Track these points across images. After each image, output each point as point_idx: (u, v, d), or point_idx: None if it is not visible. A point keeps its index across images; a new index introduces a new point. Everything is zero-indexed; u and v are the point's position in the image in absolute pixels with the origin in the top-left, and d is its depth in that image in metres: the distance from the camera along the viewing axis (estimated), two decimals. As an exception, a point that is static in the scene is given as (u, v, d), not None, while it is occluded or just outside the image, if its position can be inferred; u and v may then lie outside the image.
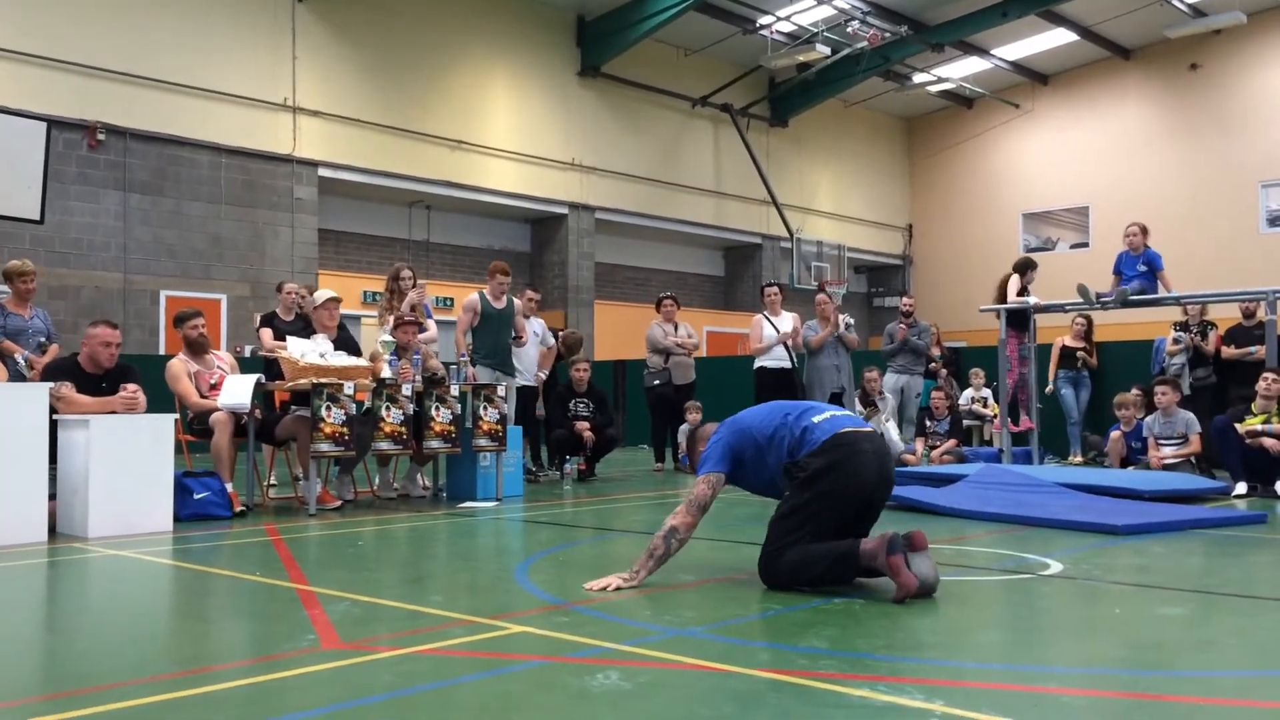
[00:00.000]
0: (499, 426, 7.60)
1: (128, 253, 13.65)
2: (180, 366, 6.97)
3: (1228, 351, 10.14)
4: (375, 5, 16.15)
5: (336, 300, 7.68)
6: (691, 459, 4.70)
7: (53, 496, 5.67)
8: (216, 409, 6.72)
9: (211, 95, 14.38)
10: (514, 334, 8.94)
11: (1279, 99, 20.30)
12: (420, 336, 8.09)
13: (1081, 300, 9.54)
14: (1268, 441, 7.46)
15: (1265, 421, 7.57)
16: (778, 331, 10.02)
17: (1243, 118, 20.71)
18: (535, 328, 9.70)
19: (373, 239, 17.13)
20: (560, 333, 10.08)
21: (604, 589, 4.09)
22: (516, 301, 9.14)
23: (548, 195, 18.49)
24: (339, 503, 7.06)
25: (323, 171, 15.51)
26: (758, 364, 10.16)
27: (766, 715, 2.45)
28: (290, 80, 15.16)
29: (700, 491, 4.26)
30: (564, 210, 18.75)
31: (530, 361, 9.39)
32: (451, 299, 17.15)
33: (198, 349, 7.08)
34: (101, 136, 13.44)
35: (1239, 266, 17.89)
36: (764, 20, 18.90)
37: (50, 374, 6.18)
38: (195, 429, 6.97)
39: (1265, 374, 7.76)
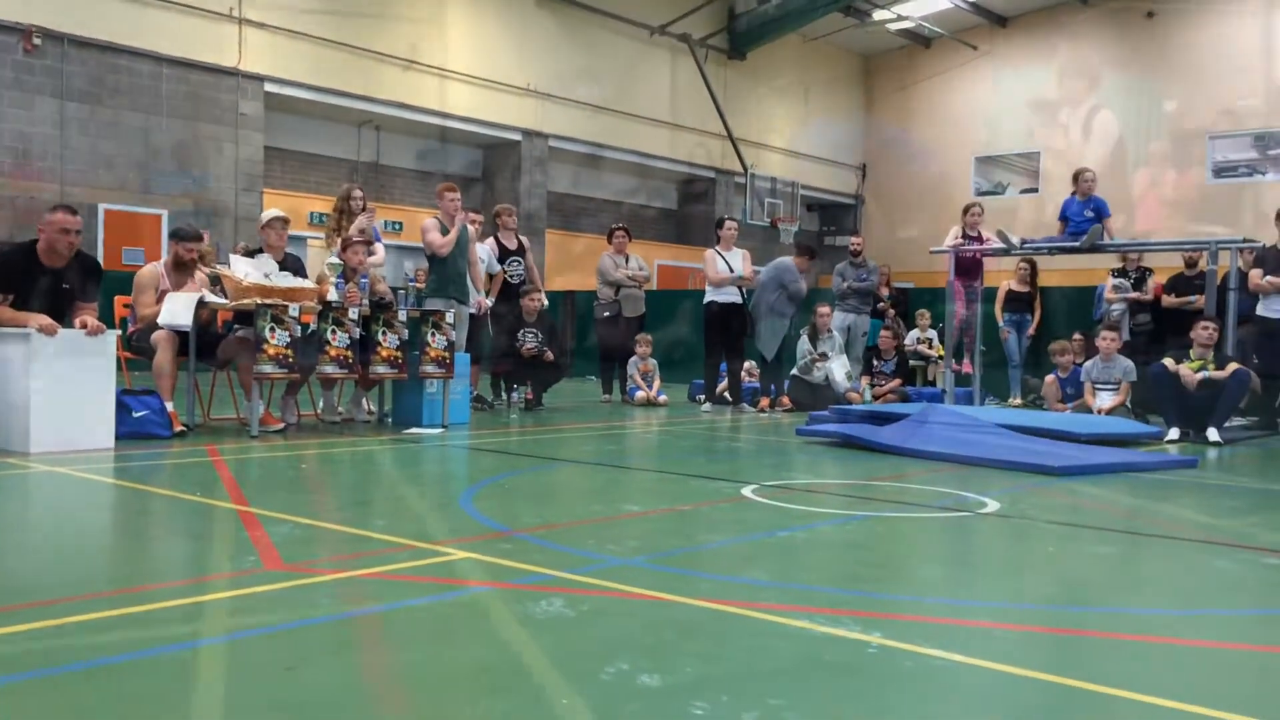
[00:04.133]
0: (446, 353, 7.54)
1: (64, 163, 13.21)
2: (150, 278, 6.78)
3: (1168, 300, 10.33)
4: (327, -85, 15.60)
5: (285, 220, 7.51)
6: None
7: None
8: (159, 327, 6.58)
9: (153, 2, 13.85)
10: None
11: (1230, 51, 20.45)
12: (369, 260, 7.97)
13: (1003, 244, 9.70)
14: (1184, 373, 7.65)
15: (1200, 369, 7.76)
16: (730, 269, 10.01)
17: (1195, 68, 20.86)
18: (481, 254, 9.61)
19: (321, 159, 16.74)
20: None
21: None
22: (470, 227, 9.03)
23: (501, 120, 18.17)
24: (282, 425, 6.99)
25: (269, 87, 15.07)
26: (708, 298, 10.17)
27: (707, 643, 2.49)
28: (237, -11, 14.65)
29: None
30: (517, 137, 18.46)
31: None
32: (401, 223, 16.89)
33: (184, 269, 6.89)
34: (38, 40, 12.91)
35: (1185, 216, 18.17)
36: (726, -51, 18.60)
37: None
38: (135, 346, 6.81)
39: (1203, 322, 7.93)
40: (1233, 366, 7.74)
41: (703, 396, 10.58)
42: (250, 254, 7.53)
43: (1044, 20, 22.47)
